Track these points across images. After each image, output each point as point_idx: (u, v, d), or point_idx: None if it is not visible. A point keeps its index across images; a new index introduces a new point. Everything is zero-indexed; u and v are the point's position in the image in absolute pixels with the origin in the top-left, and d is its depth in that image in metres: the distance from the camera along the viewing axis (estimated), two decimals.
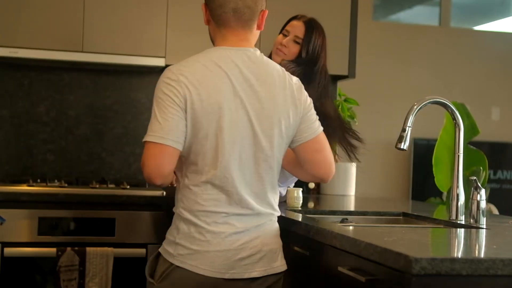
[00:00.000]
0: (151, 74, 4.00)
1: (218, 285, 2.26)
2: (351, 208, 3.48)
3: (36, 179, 3.67)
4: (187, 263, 2.24)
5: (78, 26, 3.67)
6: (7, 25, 3.60)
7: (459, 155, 2.70)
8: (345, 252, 2.10)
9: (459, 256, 1.84)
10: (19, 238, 3.31)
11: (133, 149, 4.08)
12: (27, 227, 3.31)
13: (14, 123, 3.96)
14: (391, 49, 6.81)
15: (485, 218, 2.56)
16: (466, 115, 3.93)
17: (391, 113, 6.61)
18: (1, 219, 3.28)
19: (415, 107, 2.64)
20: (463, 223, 2.60)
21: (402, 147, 2.64)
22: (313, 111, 2.40)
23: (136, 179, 3.94)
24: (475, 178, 2.57)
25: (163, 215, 3.38)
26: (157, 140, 2.18)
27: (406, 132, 2.63)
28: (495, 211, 5.02)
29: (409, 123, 2.64)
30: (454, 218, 2.66)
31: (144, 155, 2.22)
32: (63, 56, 3.67)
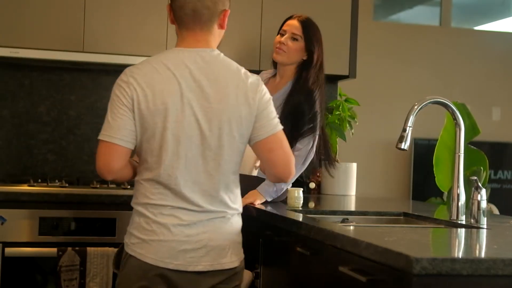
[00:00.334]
0: None
1: (164, 275, 2.33)
2: (352, 208, 3.48)
3: (36, 179, 3.67)
4: (136, 251, 2.35)
5: (78, 26, 3.67)
6: (8, 25, 3.60)
7: (459, 155, 2.70)
8: (346, 252, 2.10)
9: (460, 256, 1.84)
10: (20, 238, 3.31)
11: None
12: (28, 227, 3.31)
13: (14, 123, 3.96)
14: (391, 49, 6.81)
15: (485, 218, 2.56)
16: (466, 115, 3.93)
17: (391, 113, 6.61)
18: (2, 219, 3.28)
19: (416, 107, 2.64)
20: (463, 223, 2.61)
21: (402, 147, 2.64)
22: (271, 109, 2.41)
23: None
24: (476, 178, 2.57)
25: None
26: (106, 138, 2.32)
27: (406, 132, 2.64)
28: (496, 211, 5.02)
29: (410, 123, 2.64)
30: (454, 218, 2.66)
31: (96, 152, 2.35)
32: (64, 56, 3.67)
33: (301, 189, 3.10)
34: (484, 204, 2.55)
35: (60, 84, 4.01)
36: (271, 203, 3.16)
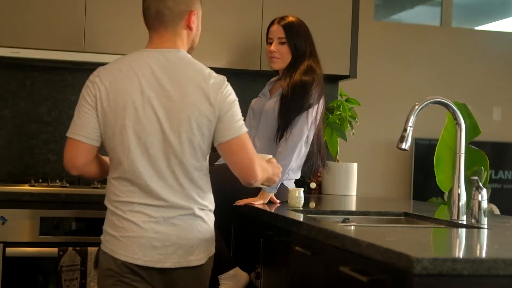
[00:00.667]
0: None
1: (134, 270, 2.40)
2: (353, 208, 3.48)
3: (37, 179, 3.67)
4: (109, 248, 2.43)
5: (79, 26, 3.67)
6: (9, 25, 3.61)
7: (460, 155, 2.70)
8: (346, 252, 2.10)
9: (461, 256, 1.84)
10: (21, 238, 3.31)
11: None
12: (29, 227, 3.32)
13: (16, 123, 3.96)
14: (392, 49, 6.81)
15: (486, 218, 2.56)
16: (467, 115, 3.93)
17: (392, 113, 6.61)
18: (3, 219, 3.29)
19: (417, 107, 2.64)
20: (464, 223, 2.61)
21: (403, 147, 2.64)
22: (236, 111, 2.44)
23: None
24: (477, 178, 2.57)
25: None
26: (71, 135, 2.45)
27: (407, 132, 2.64)
28: (497, 211, 5.02)
29: (411, 123, 2.64)
30: (455, 218, 2.66)
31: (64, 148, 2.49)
32: (65, 56, 3.67)
33: (302, 189, 3.11)
34: (485, 204, 2.55)
35: (61, 84, 4.01)
36: (272, 203, 3.17)
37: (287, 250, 2.66)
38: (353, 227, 2.61)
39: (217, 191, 2.64)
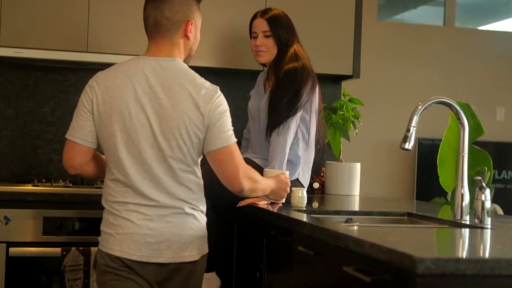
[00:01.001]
0: None
1: (129, 265, 2.49)
2: (356, 208, 3.48)
3: (41, 179, 3.68)
4: (105, 246, 2.53)
5: (82, 26, 3.67)
6: (12, 26, 3.61)
7: (463, 155, 2.70)
8: (349, 252, 2.10)
9: (464, 256, 1.84)
10: (24, 238, 3.31)
11: None
12: (32, 227, 3.32)
13: (19, 123, 3.97)
14: (395, 49, 6.81)
15: (489, 218, 2.56)
16: (470, 115, 3.93)
17: (395, 113, 6.61)
18: (6, 219, 3.29)
19: (420, 107, 2.64)
20: (467, 223, 2.60)
21: (406, 147, 2.64)
22: (226, 122, 2.53)
23: None
24: (480, 178, 2.57)
25: None
26: (69, 137, 2.59)
27: (410, 132, 2.63)
28: (500, 211, 5.01)
29: (414, 123, 2.64)
30: (458, 218, 2.66)
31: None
32: (68, 56, 3.67)
33: (305, 189, 3.11)
34: (488, 204, 2.55)
35: (64, 84, 4.02)
36: (275, 203, 3.17)
37: (290, 250, 2.66)
38: (356, 227, 2.61)
39: (221, 191, 2.65)
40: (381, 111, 6.64)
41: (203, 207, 2.61)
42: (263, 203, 3.10)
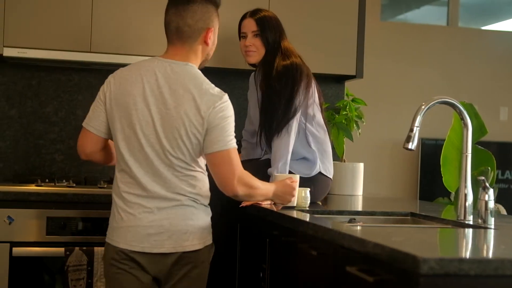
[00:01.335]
0: None
1: (132, 257, 2.63)
2: (359, 208, 3.48)
3: (44, 179, 3.68)
4: (110, 238, 2.70)
5: (86, 26, 3.67)
6: (15, 26, 3.61)
7: (467, 155, 2.69)
8: (353, 252, 2.10)
9: (467, 256, 1.84)
10: (28, 238, 3.32)
11: None
12: (36, 227, 3.32)
13: (22, 123, 3.97)
14: (399, 49, 6.80)
15: (493, 218, 2.55)
16: (474, 115, 3.92)
17: (398, 113, 6.60)
18: (10, 219, 3.29)
19: (423, 107, 2.64)
20: (471, 223, 2.60)
21: (410, 147, 2.64)
22: (227, 127, 2.62)
23: None
24: (483, 178, 2.57)
25: None
26: (84, 125, 2.76)
27: (414, 132, 2.63)
28: (503, 211, 5.00)
29: (417, 123, 2.64)
30: (462, 218, 2.66)
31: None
32: (71, 56, 3.68)
33: (308, 189, 3.11)
34: (491, 204, 2.55)
35: (67, 84, 4.02)
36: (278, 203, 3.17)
37: (293, 250, 2.66)
38: (359, 227, 2.61)
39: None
40: (384, 111, 6.64)
41: (205, 201, 2.72)
42: (266, 203, 3.09)
